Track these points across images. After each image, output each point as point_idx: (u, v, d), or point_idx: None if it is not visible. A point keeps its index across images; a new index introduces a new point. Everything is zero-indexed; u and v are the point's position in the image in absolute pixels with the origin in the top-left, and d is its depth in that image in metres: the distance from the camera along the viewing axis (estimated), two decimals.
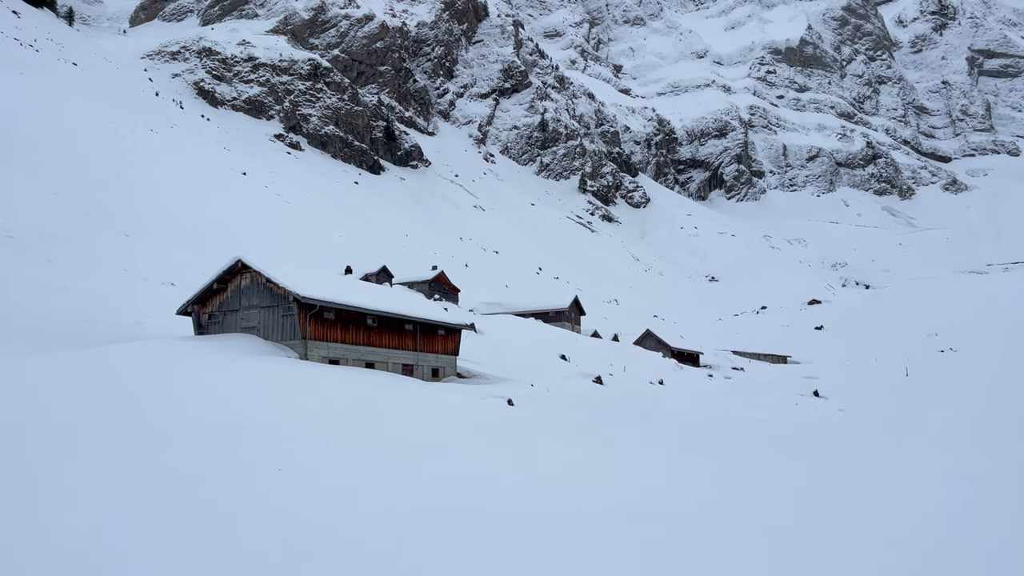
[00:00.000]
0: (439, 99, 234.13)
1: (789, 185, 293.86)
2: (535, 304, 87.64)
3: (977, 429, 29.23)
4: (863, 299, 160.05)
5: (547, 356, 54.77)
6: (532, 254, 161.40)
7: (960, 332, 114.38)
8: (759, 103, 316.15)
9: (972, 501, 14.27)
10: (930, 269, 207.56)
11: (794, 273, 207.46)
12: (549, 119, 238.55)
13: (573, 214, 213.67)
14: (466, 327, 41.16)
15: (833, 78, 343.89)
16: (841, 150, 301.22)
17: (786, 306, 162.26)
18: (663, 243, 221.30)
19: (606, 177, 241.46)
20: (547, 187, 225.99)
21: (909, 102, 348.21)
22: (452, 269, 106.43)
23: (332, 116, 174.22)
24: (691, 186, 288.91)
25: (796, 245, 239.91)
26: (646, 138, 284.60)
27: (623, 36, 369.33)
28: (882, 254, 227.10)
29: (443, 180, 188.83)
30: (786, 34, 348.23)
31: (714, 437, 23.41)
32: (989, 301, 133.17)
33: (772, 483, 15.76)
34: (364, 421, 19.54)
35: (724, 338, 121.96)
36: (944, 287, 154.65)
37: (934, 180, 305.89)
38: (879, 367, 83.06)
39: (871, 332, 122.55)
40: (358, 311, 32.04)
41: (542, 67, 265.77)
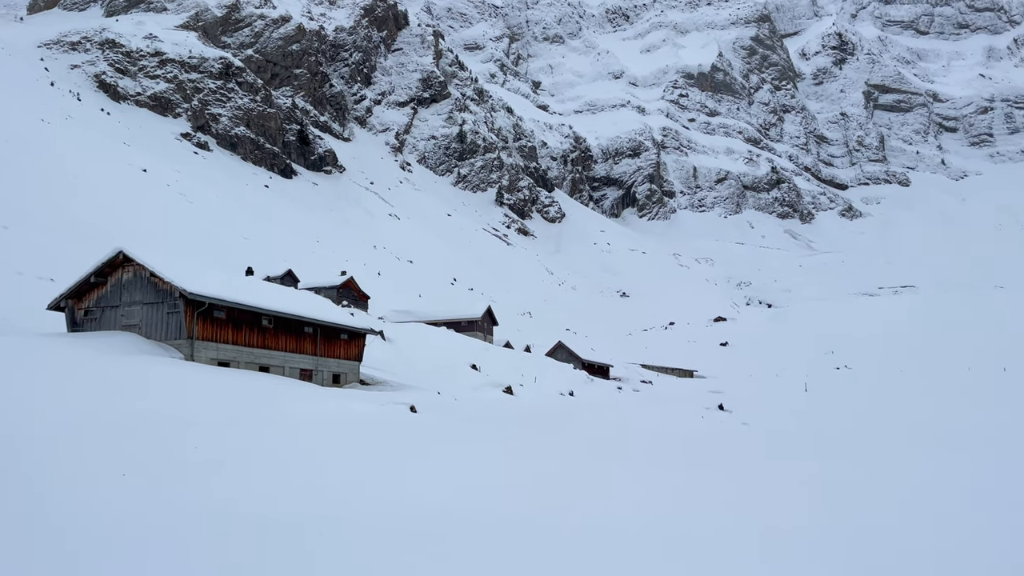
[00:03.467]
0: (356, 105, 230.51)
1: (698, 206, 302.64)
2: (448, 313, 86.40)
3: (871, 441, 29.79)
4: (766, 317, 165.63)
5: (457, 365, 53.63)
6: (447, 264, 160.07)
7: (854, 350, 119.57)
8: (672, 125, 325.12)
9: (873, 510, 14.01)
10: (827, 290, 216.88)
11: (701, 291, 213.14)
12: (468, 131, 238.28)
13: (489, 226, 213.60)
14: (371, 332, 39.61)
15: (742, 104, 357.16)
16: (748, 174, 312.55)
17: (693, 322, 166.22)
18: (577, 258, 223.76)
19: (523, 191, 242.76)
20: (464, 198, 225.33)
21: (811, 131, 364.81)
22: (364, 277, 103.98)
23: (243, 117, 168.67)
24: (605, 203, 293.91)
25: (704, 264, 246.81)
26: (563, 154, 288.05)
27: (542, 53, 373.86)
28: (784, 275, 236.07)
29: (358, 187, 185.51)
30: (698, 60, 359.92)
31: (624, 448, 22.82)
32: (880, 322, 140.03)
33: (677, 494, 15.14)
34: (241, 427, 17.92)
35: (633, 352, 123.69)
36: (840, 308, 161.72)
37: (832, 206, 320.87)
38: (780, 383, 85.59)
39: (773, 349, 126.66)
40: (252, 311, 30.15)
41: (461, 79, 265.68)
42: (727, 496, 14.85)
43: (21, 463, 11.92)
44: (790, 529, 12.10)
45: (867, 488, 16.41)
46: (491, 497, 13.28)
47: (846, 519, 13.06)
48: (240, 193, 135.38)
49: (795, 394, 71.17)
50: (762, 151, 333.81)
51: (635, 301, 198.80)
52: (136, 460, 12.98)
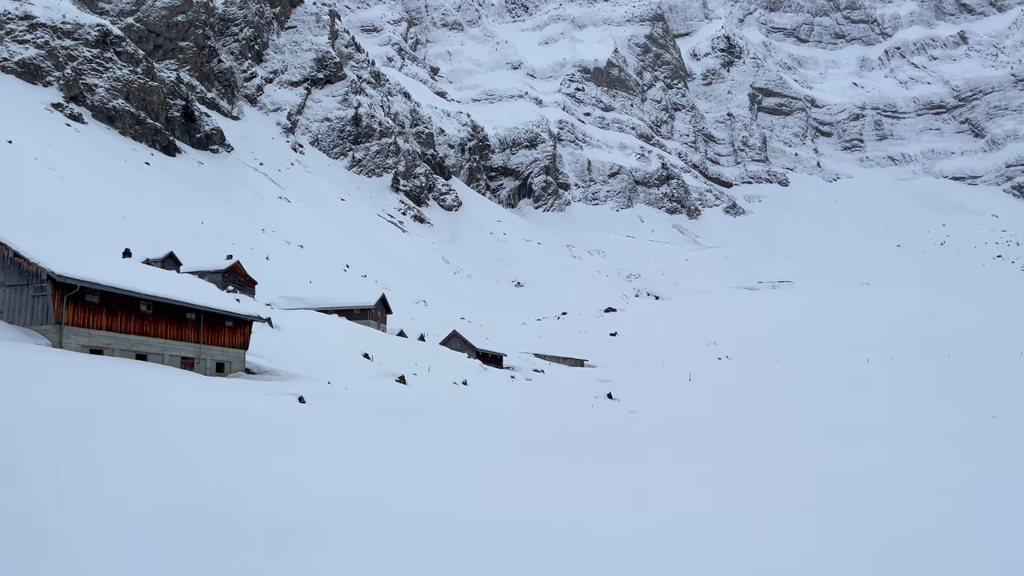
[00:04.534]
0: (246, 83, 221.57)
1: (592, 199, 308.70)
2: (340, 301, 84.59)
3: (751, 430, 31.23)
4: (653, 309, 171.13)
5: (349, 354, 52.59)
6: (340, 250, 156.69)
7: (734, 341, 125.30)
8: (568, 118, 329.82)
9: (762, 500, 14.59)
10: (712, 284, 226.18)
11: (593, 282, 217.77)
12: (363, 114, 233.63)
13: (384, 212, 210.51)
14: (258, 319, 38.21)
15: (635, 101, 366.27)
16: (639, 169, 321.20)
17: (585, 313, 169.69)
18: (473, 247, 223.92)
19: (419, 178, 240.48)
20: (359, 183, 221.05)
21: (699, 130, 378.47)
22: (252, 262, 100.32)
23: (123, 89, 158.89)
24: (502, 193, 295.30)
25: (596, 256, 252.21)
26: (460, 142, 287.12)
27: (441, 39, 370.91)
28: (671, 268, 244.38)
29: (247, 168, 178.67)
30: (595, 55, 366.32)
31: (516, 438, 22.93)
32: (759, 314, 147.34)
33: (566, 481, 15.31)
34: (107, 418, 16.83)
35: (527, 341, 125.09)
36: (723, 301, 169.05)
37: (718, 203, 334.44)
38: (666, 372, 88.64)
39: (659, 340, 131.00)
40: (129, 295, 28.43)
41: (358, 61, 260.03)
42: (613, 485, 15.14)
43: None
44: (677, 516, 12.43)
45: (749, 476, 17.11)
46: (377, 492, 13.01)
47: (730, 508, 13.54)
48: (118, 170, 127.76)
49: (680, 383, 73.85)
50: (653, 147, 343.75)
51: (530, 291, 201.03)
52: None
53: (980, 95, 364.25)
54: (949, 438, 27.35)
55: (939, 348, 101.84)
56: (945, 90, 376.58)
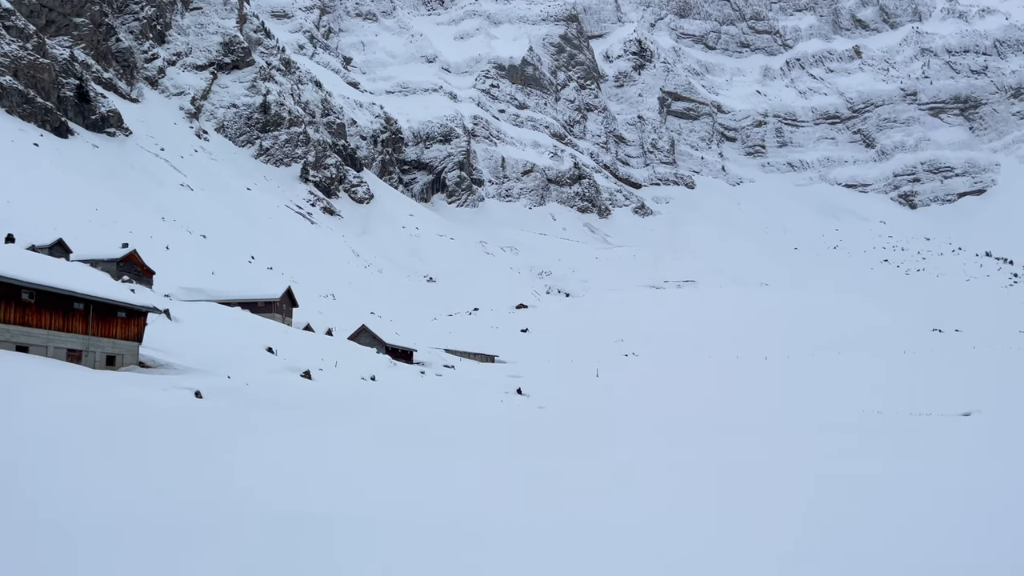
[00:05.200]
0: (147, 64, 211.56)
1: (505, 196, 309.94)
2: (244, 293, 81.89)
3: (658, 424, 31.94)
4: (564, 306, 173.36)
5: (252, 348, 50.93)
6: (245, 241, 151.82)
7: (641, 338, 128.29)
8: (483, 114, 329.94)
9: (670, 491, 14.83)
10: (620, 282, 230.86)
11: (505, 279, 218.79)
12: (272, 102, 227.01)
13: (293, 203, 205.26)
14: (154, 310, 36.48)
15: (549, 100, 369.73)
16: (552, 168, 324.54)
17: (496, 309, 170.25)
18: (385, 241, 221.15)
19: (330, 169, 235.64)
20: (266, 172, 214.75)
21: (611, 131, 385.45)
22: (150, 251, 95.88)
23: (10, 66, 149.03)
24: (415, 187, 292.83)
25: (508, 253, 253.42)
26: (373, 134, 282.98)
27: (354, 29, 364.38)
28: (581, 266, 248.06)
29: (146, 153, 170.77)
30: (510, 52, 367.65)
31: (421, 434, 22.66)
32: (664, 312, 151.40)
33: (465, 478, 15.19)
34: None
35: (438, 337, 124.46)
36: (630, 299, 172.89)
37: (627, 203, 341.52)
38: (575, 368, 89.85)
39: (569, 336, 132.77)
40: (9, 282, 26.60)
41: (267, 47, 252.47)
42: (513, 480, 15.10)
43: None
44: (573, 512, 12.48)
45: (650, 469, 17.41)
46: (266, 493, 12.54)
47: (636, 501, 13.69)
48: (3, 150, 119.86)
49: (587, 379, 75.01)
50: (566, 147, 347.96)
51: (441, 286, 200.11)
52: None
53: (872, 107, 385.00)
54: (833, 432, 28.68)
55: (831, 345, 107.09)
56: (840, 101, 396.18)
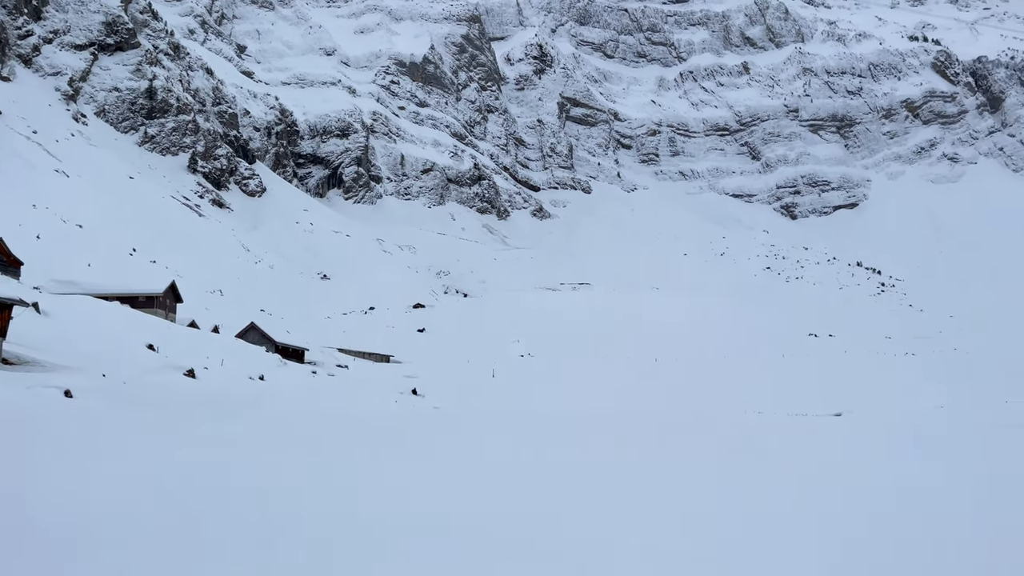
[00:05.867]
0: (20, 41, 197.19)
1: (404, 194, 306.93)
2: (123, 287, 77.61)
3: (547, 423, 32.26)
4: (462, 306, 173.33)
5: (131, 345, 48.24)
6: (126, 233, 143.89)
7: (537, 339, 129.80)
8: (382, 110, 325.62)
9: (553, 490, 14.89)
10: (518, 283, 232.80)
11: (403, 277, 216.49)
12: (159, 87, 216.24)
13: (179, 194, 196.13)
14: (20, 303, 33.95)
15: (450, 99, 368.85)
16: (452, 167, 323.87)
17: (393, 308, 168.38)
18: (277, 236, 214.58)
19: (220, 160, 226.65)
20: (151, 161, 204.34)
21: (511, 133, 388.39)
22: (19, 240, 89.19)
23: None
24: (310, 182, 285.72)
25: (406, 251, 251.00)
26: (267, 126, 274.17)
27: (249, 16, 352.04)
28: (480, 266, 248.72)
29: (17, 135, 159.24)
30: (411, 49, 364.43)
31: (314, 434, 21.98)
32: (560, 314, 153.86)
33: (353, 479, 14.83)
34: None
35: (332, 336, 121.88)
36: (527, 300, 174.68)
37: (526, 206, 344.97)
38: (471, 368, 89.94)
39: (466, 336, 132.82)
40: None
41: (155, 30, 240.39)
42: (402, 480, 14.86)
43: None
44: (459, 511, 12.35)
45: (543, 467, 17.49)
46: (129, 497, 11.80)
47: (523, 500, 13.68)
48: None
49: (484, 379, 75.20)
50: (467, 147, 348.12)
51: (336, 284, 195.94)
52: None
53: (758, 122, 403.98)
54: (717, 431, 29.79)
55: (717, 348, 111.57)
56: (729, 114, 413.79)
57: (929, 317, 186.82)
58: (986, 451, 25.07)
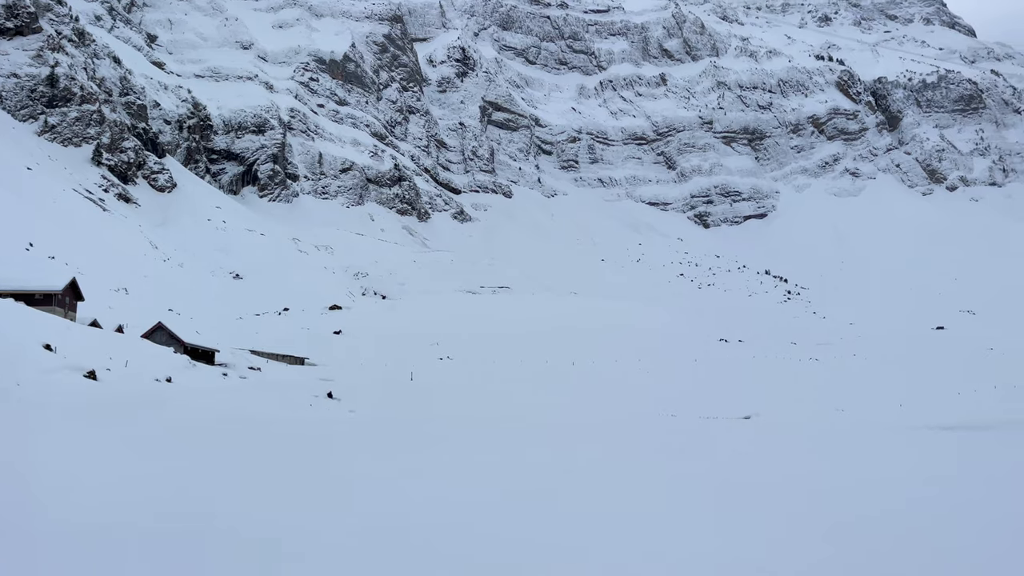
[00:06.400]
0: None
1: (322, 193, 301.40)
2: (17, 283, 73.29)
3: (464, 427, 32.22)
4: (380, 308, 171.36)
5: (26, 345, 45.59)
6: (22, 226, 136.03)
7: (456, 342, 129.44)
8: (300, 107, 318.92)
9: (471, 493, 14.85)
10: (438, 286, 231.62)
11: (319, 278, 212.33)
12: (61, 75, 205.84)
13: (82, 188, 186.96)
14: None
15: (371, 99, 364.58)
16: (372, 167, 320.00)
17: (308, 309, 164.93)
18: (187, 233, 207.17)
19: (127, 153, 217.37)
20: (51, 152, 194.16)
21: (432, 135, 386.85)
22: None
23: None
24: (224, 178, 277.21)
25: (323, 252, 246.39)
26: (178, 119, 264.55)
27: (161, 4, 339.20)
28: (399, 268, 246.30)
29: None
30: (332, 46, 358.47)
31: (220, 439, 21.28)
32: (480, 317, 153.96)
33: (257, 485, 14.44)
34: None
35: (244, 337, 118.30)
36: (446, 302, 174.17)
37: (447, 208, 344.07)
38: (389, 371, 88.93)
39: (384, 339, 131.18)
40: None
41: (58, 15, 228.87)
42: (308, 485, 14.57)
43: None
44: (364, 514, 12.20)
45: (461, 469, 17.42)
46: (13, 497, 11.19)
47: (438, 501, 13.59)
48: None
49: (402, 382, 74.47)
50: (387, 147, 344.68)
51: (250, 284, 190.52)
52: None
53: (674, 132, 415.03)
54: (632, 433, 30.38)
55: (632, 352, 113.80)
56: (647, 124, 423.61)
57: (831, 324, 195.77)
58: (880, 451, 26.40)
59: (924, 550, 11.88)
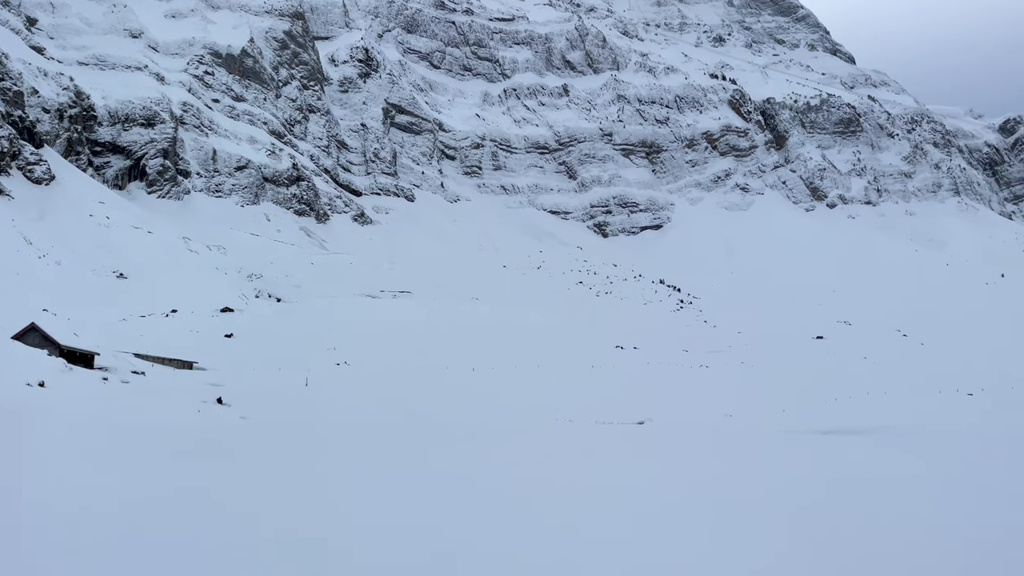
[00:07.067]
0: None
1: (216, 191, 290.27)
2: None
3: (369, 434, 31.60)
4: (274, 311, 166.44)
5: None
6: None
7: (355, 347, 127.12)
8: (194, 101, 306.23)
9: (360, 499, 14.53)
10: (336, 289, 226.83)
11: (210, 279, 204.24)
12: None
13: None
14: None
15: (269, 96, 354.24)
16: (269, 166, 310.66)
17: (198, 311, 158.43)
18: (66, 229, 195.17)
19: (1, 142, 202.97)
20: None
21: (333, 135, 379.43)
22: None
23: None
24: (108, 172, 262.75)
25: (216, 252, 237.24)
26: (59, 108, 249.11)
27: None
28: (296, 271, 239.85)
29: None
30: (228, 40, 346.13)
31: (99, 445, 20.04)
32: (379, 322, 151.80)
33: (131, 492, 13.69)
34: None
35: (128, 340, 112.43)
36: (345, 307, 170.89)
37: (347, 210, 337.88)
38: (283, 377, 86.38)
39: (279, 343, 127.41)
40: None
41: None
42: (188, 501, 13.92)
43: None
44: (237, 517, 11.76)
45: (357, 476, 17.05)
46: None
47: (336, 506, 13.24)
48: None
49: (297, 388, 72.49)
50: (285, 146, 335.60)
51: (135, 284, 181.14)
52: None
53: (575, 143, 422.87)
54: (529, 437, 30.59)
55: (531, 358, 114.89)
56: (549, 133, 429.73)
57: (721, 333, 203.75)
58: (764, 454, 27.59)
59: (809, 548, 12.43)
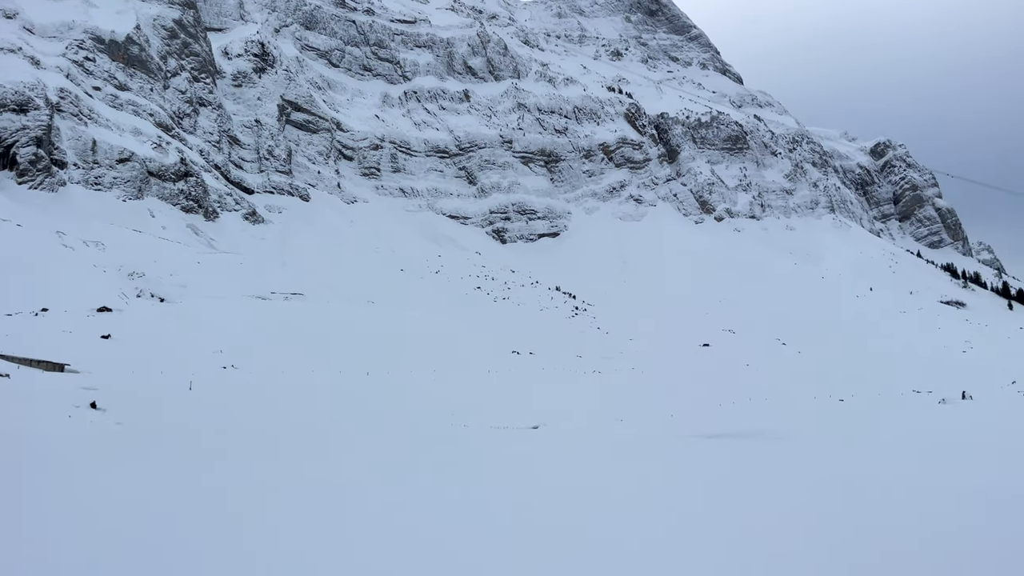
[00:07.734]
0: None
1: (95, 184, 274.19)
2: None
3: (256, 441, 30.45)
4: (157, 312, 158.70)
5: None
6: None
7: (243, 350, 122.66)
8: (73, 88, 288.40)
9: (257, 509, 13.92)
10: (224, 290, 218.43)
11: (86, 277, 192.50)
12: None
13: None
14: None
15: (156, 86, 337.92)
16: (154, 160, 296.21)
17: (72, 311, 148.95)
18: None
19: None
20: None
21: (225, 131, 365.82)
22: None
23: None
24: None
25: (93, 248, 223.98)
26: None
27: None
28: (181, 270, 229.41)
29: None
30: (112, 26, 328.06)
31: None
32: (269, 324, 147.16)
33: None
34: None
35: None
36: (233, 308, 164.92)
37: (238, 208, 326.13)
38: (165, 380, 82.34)
39: (162, 345, 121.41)
40: None
41: None
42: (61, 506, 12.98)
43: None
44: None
45: (246, 486, 16.33)
46: None
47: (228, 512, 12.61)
48: None
49: (180, 392, 69.24)
50: (173, 140, 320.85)
51: (1, 281, 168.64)
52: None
53: (476, 148, 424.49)
54: (425, 443, 30.31)
55: (427, 363, 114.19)
56: (450, 138, 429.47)
57: (613, 339, 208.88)
58: (655, 457, 28.30)
59: (692, 547, 12.75)
